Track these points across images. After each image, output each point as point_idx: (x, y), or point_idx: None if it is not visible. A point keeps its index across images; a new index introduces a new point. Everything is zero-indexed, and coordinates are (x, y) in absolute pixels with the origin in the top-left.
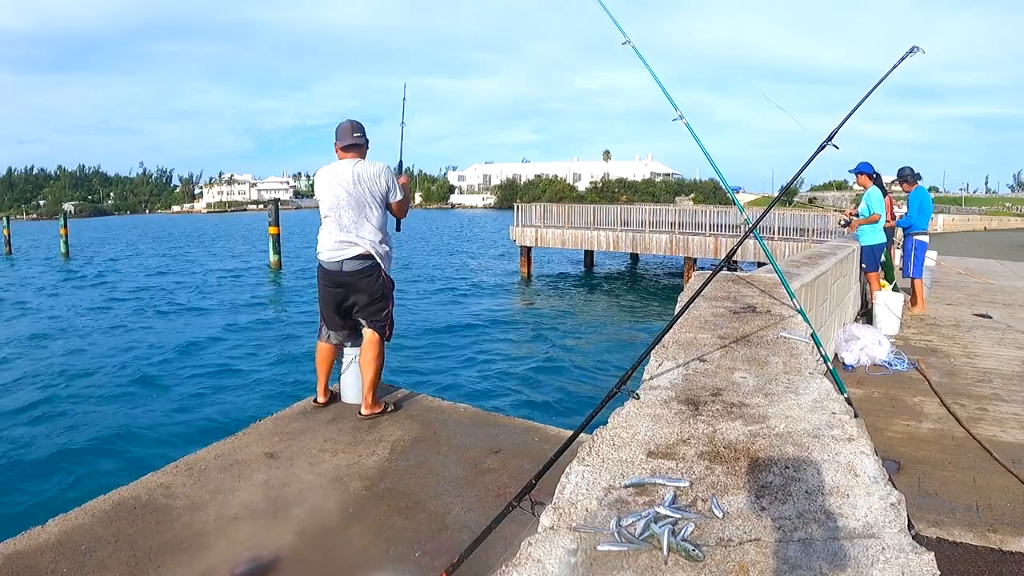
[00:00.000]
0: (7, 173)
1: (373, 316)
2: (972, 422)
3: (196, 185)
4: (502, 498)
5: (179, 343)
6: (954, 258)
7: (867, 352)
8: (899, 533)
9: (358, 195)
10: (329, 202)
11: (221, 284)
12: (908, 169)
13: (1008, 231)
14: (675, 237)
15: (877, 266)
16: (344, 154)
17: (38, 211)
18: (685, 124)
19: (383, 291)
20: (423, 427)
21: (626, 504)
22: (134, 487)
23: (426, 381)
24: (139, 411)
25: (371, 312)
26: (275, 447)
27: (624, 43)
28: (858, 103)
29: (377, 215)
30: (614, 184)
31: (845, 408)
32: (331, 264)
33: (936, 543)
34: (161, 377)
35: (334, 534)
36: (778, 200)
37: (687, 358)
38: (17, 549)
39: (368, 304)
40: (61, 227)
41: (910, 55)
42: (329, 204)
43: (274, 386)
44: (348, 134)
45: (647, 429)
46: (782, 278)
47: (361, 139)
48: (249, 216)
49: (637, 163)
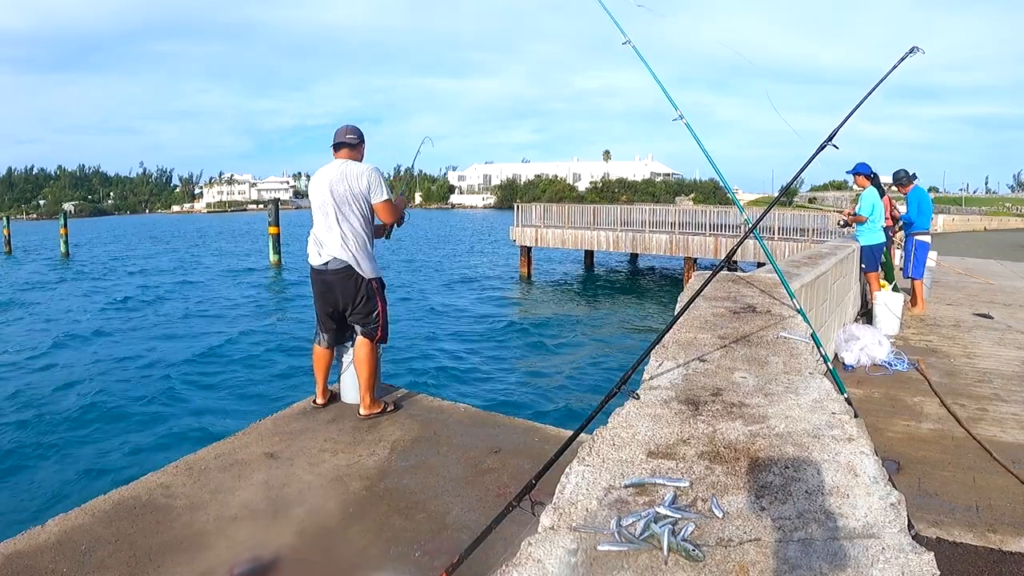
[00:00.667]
0: (7, 173)
1: (363, 320)
2: (972, 422)
3: (196, 185)
4: (502, 498)
5: (178, 343)
6: (954, 258)
7: (867, 352)
8: (899, 533)
9: (340, 194)
10: (316, 202)
11: (221, 284)
12: (903, 172)
13: (1008, 231)
14: (675, 237)
15: (877, 266)
16: (336, 154)
17: (38, 211)
18: (685, 124)
19: (369, 292)
20: (423, 427)
21: (626, 504)
22: (134, 487)
23: (426, 381)
24: (138, 411)
25: (361, 317)
26: (275, 447)
27: (624, 43)
28: (858, 103)
29: (357, 215)
30: (614, 184)
31: (845, 408)
32: (317, 265)
33: (936, 543)
34: (161, 377)
35: (334, 534)
36: (778, 200)
37: (687, 358)
38: (17, 549)
39: (356, 307)
40: (61, 227)
41: (910, 55)
42: (316, 204)
43: (274, 386)
44: (341, 134)
45: (647, 429)
46: (782, 278)
47: (354, 139)
48: (249, 216)
49: (637, 163)
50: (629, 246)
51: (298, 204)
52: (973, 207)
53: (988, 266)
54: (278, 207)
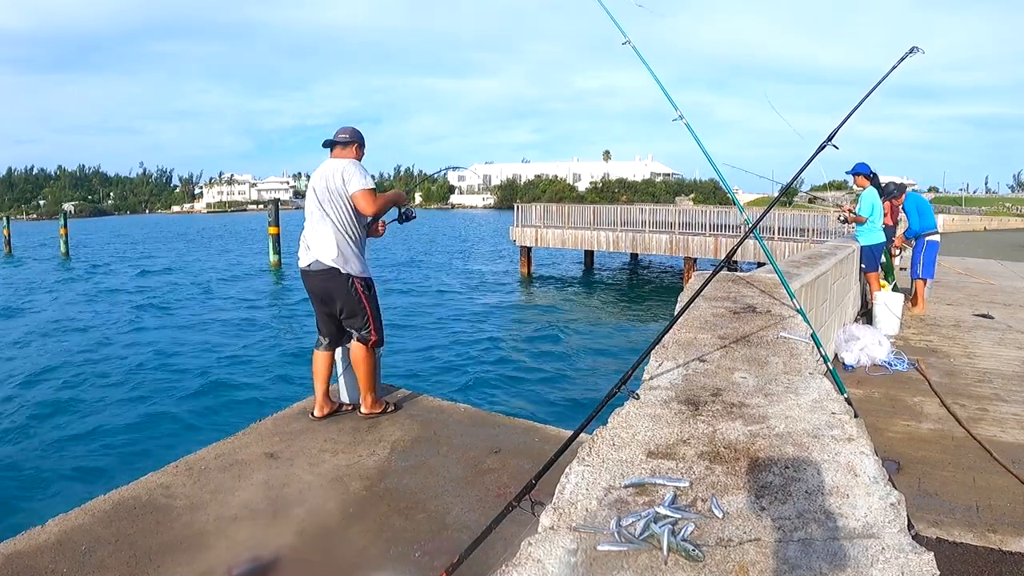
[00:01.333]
0: (7, 173)
1: (356, 326)
2: (972, 422)
3: (196, 185)
4: (502, 498)
5: (179, 343)
6: (954, 258)
7: (867, 352)
8: (899, 533)
9: (322, 192)
10: (306, 203)
11: (221, 284)
12: (892, 185)
13: (1008, 231)
14: (675, 237)
15: (877, 266)
16: (330, 154)
17: (38, 211)
18: (685, 124)
19: (356, 294)
20: (423, 427)
21: (626, 504)
22: (134, 487)
23: (426, 381)
24: (138, 411)
25: (352, 322)
26: (275, 447)
27: (624, 43)
28: (858, 103)
29: (340, 212)
30: (614, 184)
31: (845, 408)
32: (303, 266)
33: (936, 543)
34: (160, 377)
35: (334, 534)
36: (778, 200)
37: (687, 358)
38: (17, 549)
39: (346, 311)
40: (61, 227)
41: (910, 55)
42: (305, 205)
43: (274, 386)
44: (336, 133)
45: (647, 429)
46: (782, 278)
47: (344, 137)
48: (249, 216)
49: (637, 163)
50: (629, 246)
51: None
52: (973, 207)
53: (988, 266)
54: (278, 207)
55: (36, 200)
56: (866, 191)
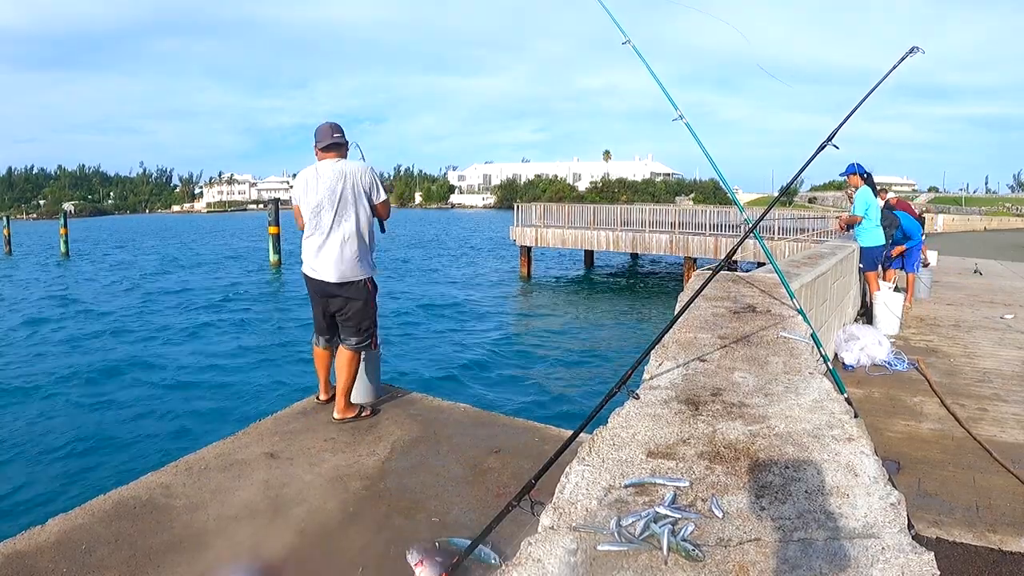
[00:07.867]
0: (7, 173)
1: (357, 331)
2: (972, 422)
3: (196, 185)
4: (502, 498)
5: (178, 342)
6: (954, 258)
7: (867, 352)
8: (899, 533)
9: (341, 193)
10: (309, 204)
11: (221, 283)
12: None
13: (1008, 231)
14: (675, 237)
15: (876, 266)
16: (324, 155)
17: (38, 211)
18: (685, 124)
19: (367, 297)
20: (423, 427)
21: (626, 504)
22: (134, 487)
23: (425, 381)
24: (138, 411)
25: (354, 330)
26: (275, 447)
27: (624, 43)
28: (858, 103)
29: (359, 214)
30: (614, 184)
31: (845, 408)
32: (313, 276)
33: (936, 543)
34: (160, 377)
35: (334, 534)
36: (778, 200)
37: (687, 358)
38: (17, 549)
39: (352, 315)
40: (61, 227)
41: (910, 55)
42: (309, 206)
43: (274, 386)
44: (328, 135)
45: (647, 429)
46: (782, 278)
47: (341, 139)
48: (249, 216)
49: (637, 163)
50: (629, 246)
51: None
52: (973, 207)
53: (988, 266)
54: (278, 207)
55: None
56: (860, 190)
